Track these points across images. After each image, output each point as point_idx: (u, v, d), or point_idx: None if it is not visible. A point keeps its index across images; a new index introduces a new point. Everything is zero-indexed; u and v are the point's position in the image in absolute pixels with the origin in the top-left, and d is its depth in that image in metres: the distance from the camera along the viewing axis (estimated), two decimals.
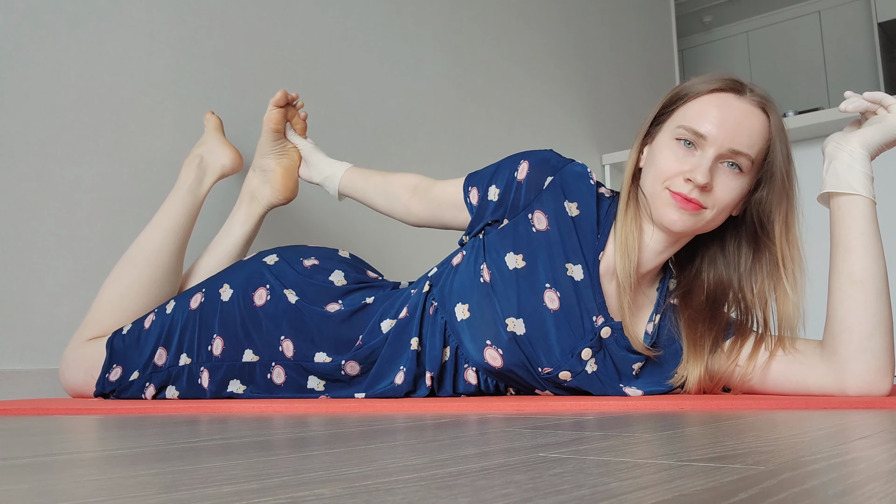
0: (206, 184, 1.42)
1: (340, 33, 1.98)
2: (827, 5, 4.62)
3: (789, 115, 2.49)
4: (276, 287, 1.15)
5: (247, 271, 1.20)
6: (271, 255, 1.22)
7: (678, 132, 1.00)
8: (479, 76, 2.40)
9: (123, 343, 1.22)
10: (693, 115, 1.00)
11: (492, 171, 1.13)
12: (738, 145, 0.98)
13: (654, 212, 1.02)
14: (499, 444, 0.49)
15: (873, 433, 0.52)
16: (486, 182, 1.12)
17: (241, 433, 0.61)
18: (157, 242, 1.31)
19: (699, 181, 0.96)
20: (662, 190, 1.00)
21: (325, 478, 0.36)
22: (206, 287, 1.21)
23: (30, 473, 0.41)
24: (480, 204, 1.12)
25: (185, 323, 1.19)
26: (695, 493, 0.31)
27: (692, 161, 0.99)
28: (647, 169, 1.05)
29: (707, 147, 0.98)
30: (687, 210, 0.98)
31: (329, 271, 1.19)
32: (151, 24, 1.58)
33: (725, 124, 0.98)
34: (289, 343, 1.12)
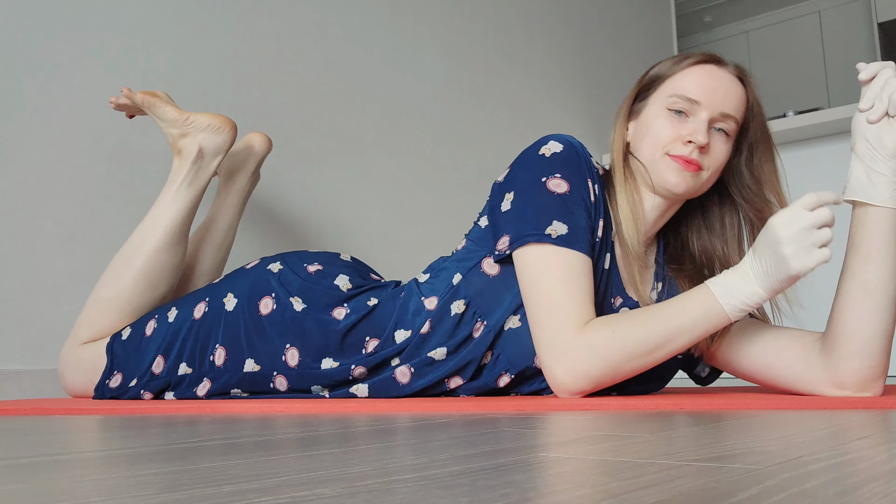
0: (209, 169, 1.32)
1: (340, 33, 1.97)
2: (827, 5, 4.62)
3: (789, 115, 2.49)
4: (281, 295, 1.14)
5: (251, 279, 1.18)
6: (275, 263, 1.20)
7: (670, 101, 1.05)
8: (479, 76, 2.40)
9: (124, 349, 1.20)
10: (683, 84, 1.05)
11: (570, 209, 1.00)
12: (727, 108, 1.04)
13: (655, 178, 1.05)
14: (499, 444, 0.49)
15: (873, 433, 0.52)
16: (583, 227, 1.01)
17: (241, 433, 0.61)
18: (152, 242, 1.26)
19: (700, 141, 1.01)
20: (662, 156, 1.04)
21: (325, 478, 0.36)
22: (209, 296, 1.19)
23: (30, 473, 0.41)
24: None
25: (187, 332, 1.17)
26: (695, 493, 0.31)
27: (688, 126, 1.04)
28: (640, 140, 1.08)
29: (700, 111, 1.04)
30: (689, 171, 1.03)
31: (333, 276, 1.17)
32: (151, 24, 1.58)
33: (715, 90, 1.04)
34: (294, 351, 1.10)
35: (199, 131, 1.32)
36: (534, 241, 0.98)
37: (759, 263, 0.90)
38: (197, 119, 1.32)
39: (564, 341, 0.95)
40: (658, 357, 0.94)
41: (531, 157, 1.04)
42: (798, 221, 0.87)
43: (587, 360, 0.94)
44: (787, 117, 2.36)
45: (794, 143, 2.41)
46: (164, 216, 1.27)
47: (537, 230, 0.98)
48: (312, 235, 1.84)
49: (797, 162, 2.40)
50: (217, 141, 1.32)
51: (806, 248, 0.86)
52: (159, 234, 1.26)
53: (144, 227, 1.28)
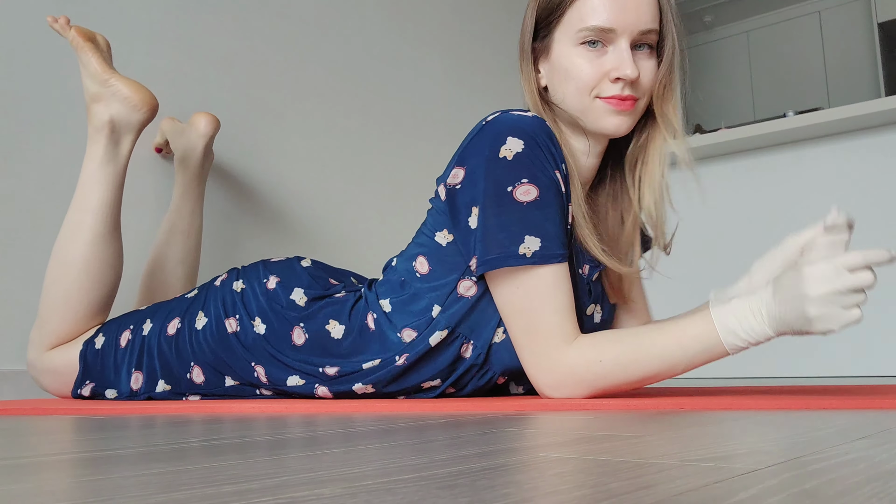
0: (124, 146, 1.24)
1: (340, 33, 1.97)
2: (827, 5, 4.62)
3: (789, 115, 2.49)
4: (244, 317, 1.10)
5: (220, 299, 1.14)
6: (238, 281, 1.15)
7: (580, 35, 0.95)
8: (479, 76, 2.40)
9: (97, 358, 1.17)
10: (588, 12, 0.94)
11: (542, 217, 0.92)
12: (644, 24, 0.94)
13: (590, 125, 0.98)
14: (499, 444, 0.49)
15: (873, 433, 0.51)
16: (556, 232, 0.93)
17: (240, 433, 0.61)
18: (87, 231, 1.19)
19: (630, 75, 0.93)
20: (592, 100, 0.96)
21: (325, 478, 0.36)
22: (183, 314, 1.15)
23: (30, 473, 0.41)
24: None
25: (160, 349, 1.14)
26: (695, 493, 0.31)
27: (610, 59, 0.94)
28: (561, 83, 0.98)
29: (618, 38, 0.94)
30: (626, 110, 0.95)
31: (290, 289, 1.11)
32: (151, 24, 1.58)
33: (627, 8, 0.93)
34: (261, 369, 1.09)
35: (115, 100, 1.22)
36: (508, 266, 0.91)
37: (776, 307, 0.82)
38: (118, 85, 1.22)
39: (548, 359, 0.92)
40: (646, 384, 0.93)
41: (491, 160, 0.92)
42: (835, 282, 0.78)
43: (572, 385, 0.92)
44: (787, 117, 2.36)
45: (794, 143, 2.41)
46: (90, 202, 1.20)
47: (508, 252, 0.90)
48: (312, 235, 1.84)
49: (797, 162, 2.40)
50: (131, 118, 1.22)
51: (836, 311, 0.79)
52: (91, 221, 1.19)
53: (73, 218, 1.21)
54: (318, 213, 1.87)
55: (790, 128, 2.31)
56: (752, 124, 2.40)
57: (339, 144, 1.94)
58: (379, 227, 2.01)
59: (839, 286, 0.78)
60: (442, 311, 1.00)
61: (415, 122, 2.17)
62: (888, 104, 2.16)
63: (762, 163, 2.44)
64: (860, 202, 2.31)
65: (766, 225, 2.37)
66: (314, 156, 1.88)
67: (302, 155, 1.85)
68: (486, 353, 1.01)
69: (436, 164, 2.20)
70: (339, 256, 1.86)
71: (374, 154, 2.03)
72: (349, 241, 1.93)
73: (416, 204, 2.13)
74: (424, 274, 1.02)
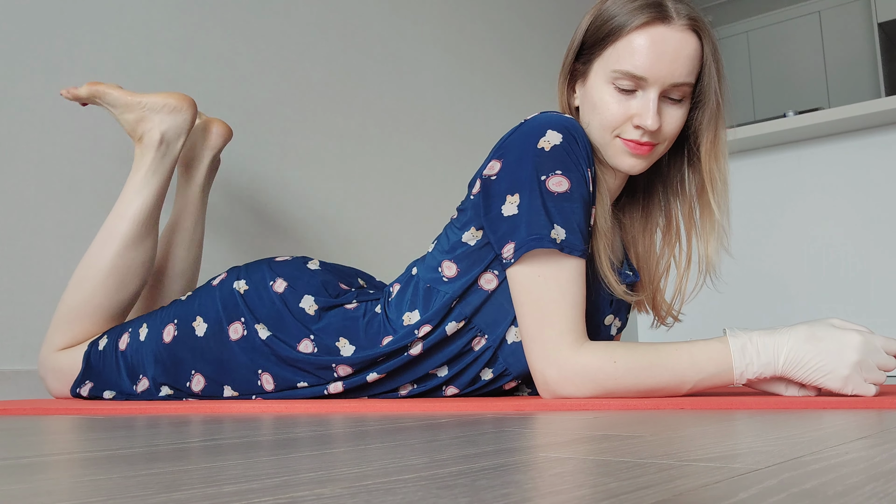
0: (172, 153, 1.26)
1: (340, 33, 1.97)
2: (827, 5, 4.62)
3: (789, 115, 2.49)
4: (249, 321, 1.08)
5: (220, 301, 1.12)
6: (240, 281, 1.13)
7: (613, 77, 0.97)
8: (479, 76, 2.40)
9: (99, 359, 1.17)
10: (626, 56, 0.95)
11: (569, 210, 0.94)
12: (677, 78, 0.96)
13: (608, 159, 1.01)
14: (499, 444, 0.49)
15: (873, 433, 0.51)
16: (580, 227, 0.95)
17: (240, 433, 0.61)
18: (119, 238, 1.19)
19: (650, 127, 0.95)
20: (613, 139, 0.99)
21: (326, 478, 0.36)
22: (178, 318, 1.13)
23: (29, 473, 0.41)
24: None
25: (157, 356, 1.13)
26: (695, 493, 0.31)
27: (636, 104, 0.96)
28: (589, 114, 1.01)
29: (648, 88, 0.96)
30: (642, 154, 0.98)
31: (300, 295, 1.09)
32: (151, 24, 1.58)
33: (662, 60, 0.94)
34: (268, 376, 1.08)
35: (156, 113, 1.24)
36: (539, 247, 0.92)
37: (803, 351, 0.87)
38: (150, 100, 1.24)
39: (560, 354, 0.92)
40: (650, 396, 0.93)
41: (529, 150, 0.94)
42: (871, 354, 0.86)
43: (580, 383, 0.92)
44: (787, 117, 2.36)
45: (794, 143, 2.41)
46: (129, 209, 1.21)
47: (541, 234, 0.92)
48: (312, 236, 1.84)
49: (797, 162, 2.40)
50: (177, 121, 1.25)
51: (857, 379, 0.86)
52: (125, 229, 1.20)
53: (109, 225, 1.21)
54: (318, 213, 1.87)
55: (790, 128, 2.31)
56: (752, 124, 2.40)
57: (338, 144, 1.94)
58: (379, 227, 2.01)
59: (872, 360, 0.86)
60: (459, 302, 1.02)
61: (415, 122, 2.17)
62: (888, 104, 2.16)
63: (762, 163, 2.44)
64: (860, 202, 2.31)
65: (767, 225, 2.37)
66: (314, 156, 1.87)
67: (301, 155, 1.85)
68: (495, 349, 1.02)
69: (436, 163, 2.20)
70: (338, 256, 1.86)
71: (374, 154, 2.03)
72: (349, 240, 1.93)
73: (416, 203, 2.13)
74: (452, 277, 1.03)
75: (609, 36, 0.98)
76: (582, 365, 0.92)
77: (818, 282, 2.33)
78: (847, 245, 2.31)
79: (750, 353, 0.88)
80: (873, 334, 0.89)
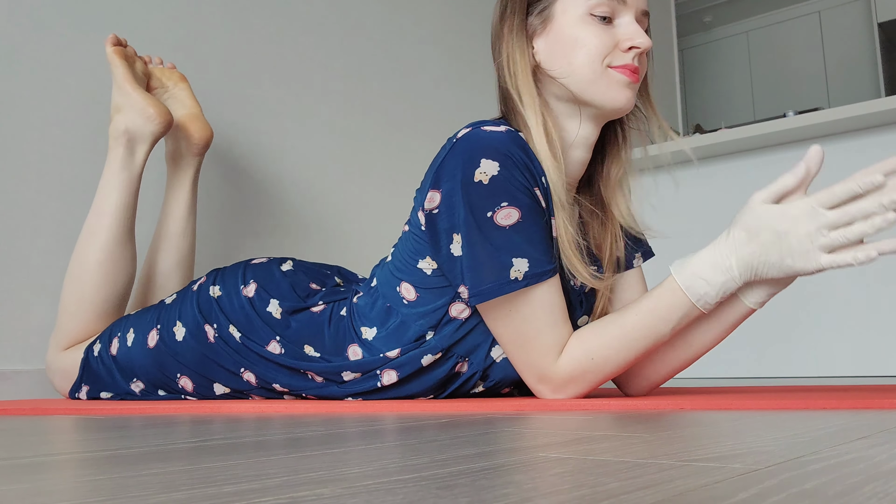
0: (139, 155, 1.29)
1: (341, 33, 1.97)
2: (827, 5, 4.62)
3: (789, 115, 2.49)
4: (222, 324, 1.10)
5: (197, 305, 1.13)
6: (215, 287, 1.14)
7: (589, 7, 0.93)
8: (479, 76, 2.40)
9: (96, 364, 1.19)
10: None
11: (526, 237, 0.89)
12: (645, 5, 0.98)
13: (598, 95, 0.95)
14: (499, 444, 0.49)
15: (873, 433, 0.52)
16: (542, 246, 0.91)
17: (241, 433, 0.61)
18: (103, 233, 1.23)
19: (644, 44, 0.93)
20: (604, 69, 0.94)
21: (326, 478, 0.36)
22: (161, 323, 1.15)
23: (29, 473, 0.41)
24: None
25: (143, 361, 1.15)
26: (695, 493, 0.31)
27: (621, 30, 0.94)
28: (564, 56, 0.95)
29: (626, 12, 0.95)
30: (636, 83, 0.95)
31: (267, 300, 1.09)
32: (151, 25, 1.58)
33: None
34: (250, 374, 1.09)
35: (132, 111, 1.28)
36: (504, 294, 0.88)
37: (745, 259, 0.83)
38: (135, 96, 1.28)
39: (546, 371, 0.92)
40: (641, 359, 0.96)
41: (466, 184, 0.88)
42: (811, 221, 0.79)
43: (573, 388, 0.93)
44: (787, 117, 2.36)
45: (794, 142, 2.41)
46: (105, 205, 1.24)
47: (500, 280, 0.88)
48: (312, 235, 1.84)
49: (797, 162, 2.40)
50: (144, 129, 1.27)
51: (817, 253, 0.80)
52: (105, 224, 1.24)
53: (89, 222, 1.26)
54: (317, 213, 1.87)
55: (790, 128, 2.31)
56: (752, 124, 2.40)
57: (338, 144, 1.94)
58: (378, 227, 2.01)
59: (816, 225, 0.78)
60: (435, 335, 0.99)
61: (415, 122, 2.17)
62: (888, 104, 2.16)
63: (762, 163, 2.44)
64: None
65: None
66: (313, 156, 1.87)
67: (301, 155, 1.85)
68: (484, 368, 1.01)
69: None
70: (338, 257, 1.86)
71: (374, 154, 2.03)
72: (349, 240, 1.93)
73: None
74: (412, 301, 0.99)
75: None
76: (567, 374, 0.92)
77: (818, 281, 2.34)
78: None
79: (700, 284, 0.86)
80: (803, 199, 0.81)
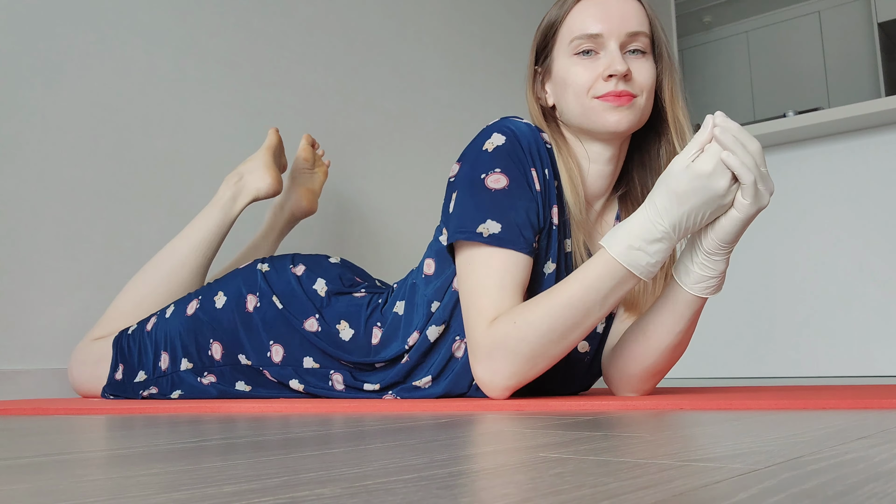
0: (239, 203, 1.38)
1: (340, 33, 1.97)
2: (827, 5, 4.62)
3: (789, 115, 2.49)
4: (266, 292, 1.16)
5: (242, 278, 1.20)
6: (264, 264, 1.22)
7: (573, 46, 1.01)
8: (479, 76, 2.40)
9: (128, 343, 1.23)
10: (577, 24, 1.01)
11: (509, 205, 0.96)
12: (631, 26, 1.00)
13: (591, 125, 1.01)
14: (499, 444, 0.49)
15: (873, 433, 0.52)
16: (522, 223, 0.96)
17: (241, 433, 0.61)
18: (182, 256, 1.31)
19: (620, 70, 0.97)
20: (590, 101, 1.00)
21: (326, 478, 0.36)
22: (202, 294, 1.22)
23: (30, 473, 0.41)
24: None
25: (182, 328, 1.19)
26: (695, 493, 0.31)
27: (601, 62, 1.00)
28: (561, 96, 1.04)
29: (607, 42, 1.00)
30: (623, 105, 0.98)
31: (314, 279, 1.17)
32: (151, 24, 1.58)
33: (610, 13, 1.00)
34: (279, 347, 1.13)
35: (255, 167, 1.40)
36: (464, 239, 0.95)
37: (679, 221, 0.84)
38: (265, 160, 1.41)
39: (476, 340, 0.93)
40: (575, 339, 0.92)
41: (474, 152, 1.00)
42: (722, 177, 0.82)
43: (497, 358, 0.92)
44: (787, 117, 2.36)
45: (794, 142, 2.41)
46: (192, 234, 1.33)
47: (468, 228, 0.95)
48: (312, 235, 1.84)
49: (797, 162, 2.40)
50: (253, 185, 1.39)
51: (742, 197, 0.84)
52: (185, 250, 1.32)
53: (174, 243, 1.34)
54: (317, 213, 1.87)
55: (790, 128, 2.31)
56: (752, 124, 2.40)
57: (338, 144, 1.94)
58: (378, 227, 2.01)
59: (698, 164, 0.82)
60: (440, 306, 1.04)
61: (415, 122, 2.17)
62: (888, 104, 2.16)
63: None
64: (860, 202, 2.31)
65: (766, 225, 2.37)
66: None
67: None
68: None
69: (436, 164, 2.20)
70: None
71: (374, 154, 2.03)
72: (348, 240, 1.93)
73: (416, 203, 2.13)
74: (430, 275, 1.06)
75: (555, 23, 1.05)
76: (491, 338, 0.92)
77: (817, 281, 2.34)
78: (847, 245, 2.31)
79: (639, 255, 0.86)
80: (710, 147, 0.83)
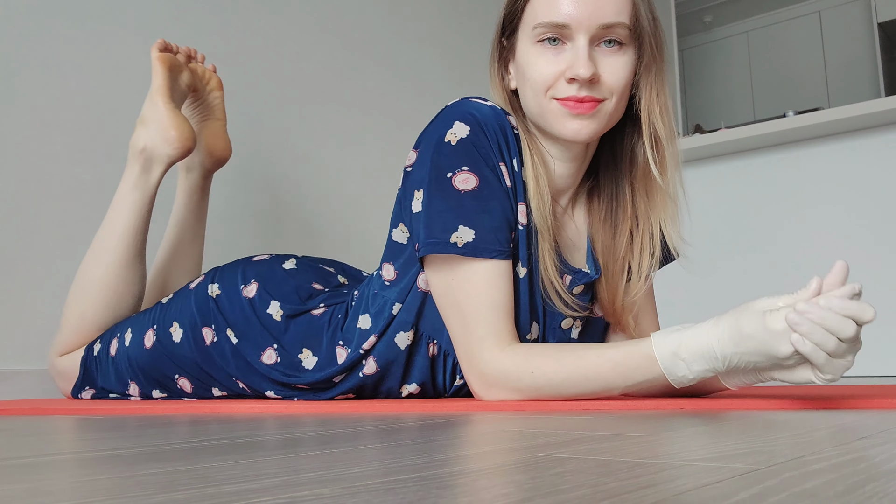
0: (154, 176, 1.21)
1: (340, 33, 1.97)
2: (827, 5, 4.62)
3: (789, 115, 2.49)
4: (221, 326, 1.07)
5: (195, 305, 1.11)
6: (214, 285, 1.11)
7: (536, 33, 0.88)
8: (479, 76, 2.40)
9: (94, 365, 1.19)
10: (543, 8, 0.87)
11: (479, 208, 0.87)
12: (604, 18, 0.86)
13: (548, 128, 0.90)
14: (499, 444, 0.49)
15: (873, 433, 0.51)
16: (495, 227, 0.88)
17: (240, 433, 0.61)
18: (109, 254, 1.18)
19: (583, 75, 0.84)
20: (549, 102, 0.88)
21: (325, 478, 0.36)
22: (157, 323, 1.13)
23: (29, 473, 0.41)
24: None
25: (142, 362, 1.14)
26: (695, 493, 0.31)
27: (566, 57, 0.86)
28: (522, 84, 0.92)
29: (575, 34, 0.86)
30: (585, 113, 0.86)
31: (267, 301, 1.06)
32: (151, 24, 1.58)
33: (584, 0, 0.85)
34: (241, 382, 1.09)
35: (154, 127, 1.20)
36: (436, 252, 0.87)
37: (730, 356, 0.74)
38: (163, 112, 1.20)
39: (481, 359, 0.87)
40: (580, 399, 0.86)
41: (436, 144, 0.88)
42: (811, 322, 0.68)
43: (504, 389, 0.87)
44: (787, 117, 2.36)
45: (794, 143, 2.41)
46: (117, 226, 1.19)
47: (440, 238, 0.86)
48: (312, 236, 1.84)
49: (797, 162, 2.40)
50: (161, 150, 1.20)
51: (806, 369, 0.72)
52: (114, 244, 1.18)
53: (98, 239, 1.21)
54: (317, 214, 1.87)
55: (790, 128, 2.31)
56: (752, 124, 2.40)
57: (338, 144, 1.94)
58: (378, 228, 2.01)
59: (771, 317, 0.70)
60: (402, 308, 0.96)
61: (415, 122, 2.17)
62: (888, 104, 2.16)
63: (762, 163, 2.44)
64: (860, 202, 2.31)
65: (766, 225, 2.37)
66: (313, 156, 1.87)
67: (301, 155, 1.84)
68: (455, 355, 0.96)
69: None
70: (337, 257, 1.86)
71: (374, 154, 2.03)
72: (348, 241, 1.93)
73: None
74: (392, 280, 0.98)
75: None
76: (501, 371, 0.86)
77: None
78: (846, 245, 2.31)
79: (681, 367, 0.77)
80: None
